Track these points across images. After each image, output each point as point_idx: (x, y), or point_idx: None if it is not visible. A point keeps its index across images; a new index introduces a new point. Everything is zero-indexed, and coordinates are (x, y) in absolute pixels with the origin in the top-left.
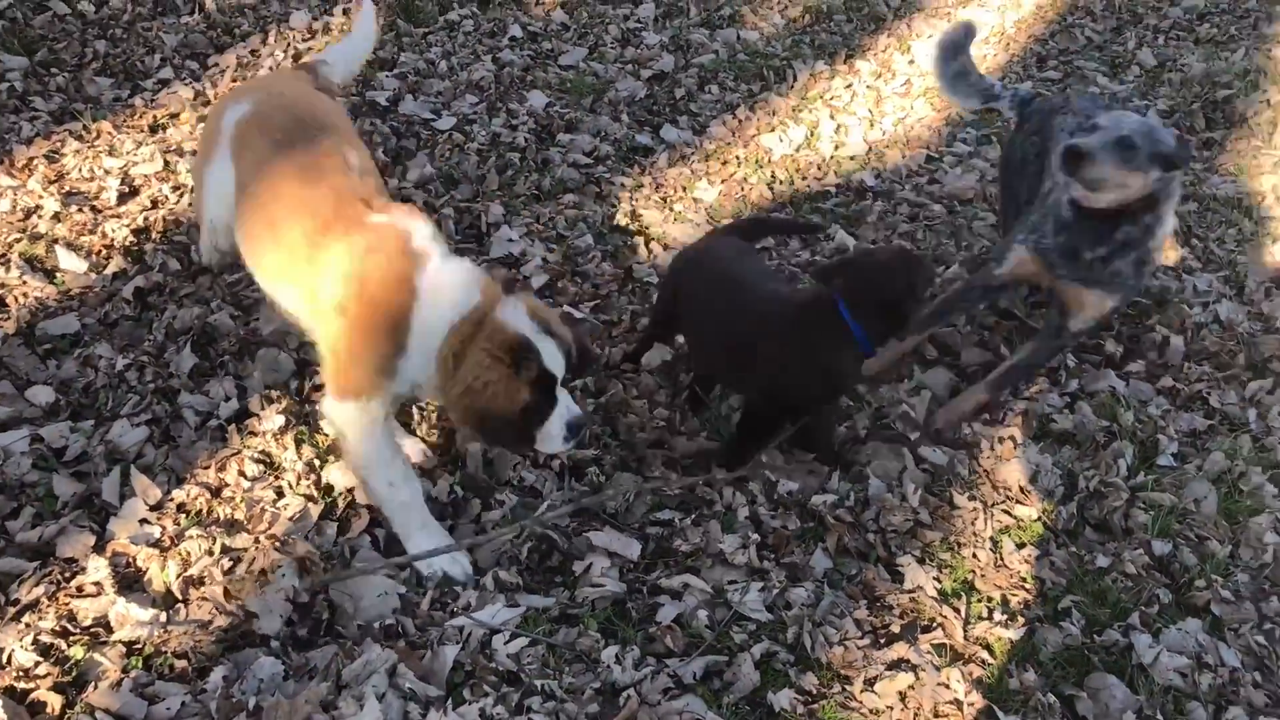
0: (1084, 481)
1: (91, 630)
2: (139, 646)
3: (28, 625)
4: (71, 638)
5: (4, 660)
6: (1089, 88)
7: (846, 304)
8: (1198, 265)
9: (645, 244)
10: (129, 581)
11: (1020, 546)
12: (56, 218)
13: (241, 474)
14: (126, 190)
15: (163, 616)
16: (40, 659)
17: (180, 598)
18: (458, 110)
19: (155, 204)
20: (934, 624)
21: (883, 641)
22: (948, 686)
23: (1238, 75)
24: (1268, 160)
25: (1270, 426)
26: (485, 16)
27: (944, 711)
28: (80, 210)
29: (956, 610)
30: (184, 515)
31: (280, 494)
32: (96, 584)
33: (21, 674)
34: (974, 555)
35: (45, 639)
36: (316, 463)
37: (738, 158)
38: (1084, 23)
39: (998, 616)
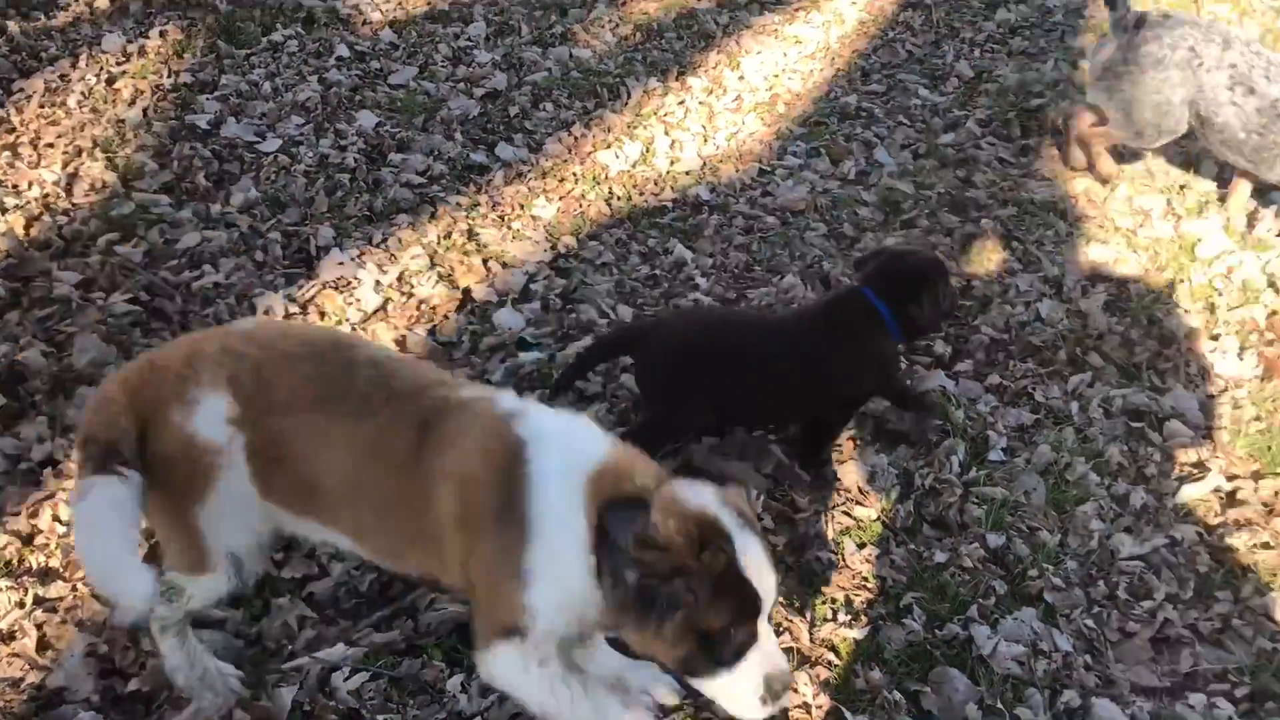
0: (919, 480)
1: None
2: None
3: None
4: None
5: None
6: (910, 100)
7: (874, 291)
8: (1019, 266)
9: (484, 263)
10: None
11: (861, 546)
12: None
13: (56, 519)
14: None
15: None
16: None
17: None
18: (283, 132)
19: None
20: (780, 628)
21: None
22: (796, 690)
23: (1048, 85)
24: (1080, 164)
25: (1091, 418)
26: (310, 37)
27: (793, 715)
28: None
29: (802, 614)
30: None
31: None
32: None
33: None
34: (817, 558)
35: None
36: None
37: (575, 175)
38: (905, 37)
39: (842, 617)
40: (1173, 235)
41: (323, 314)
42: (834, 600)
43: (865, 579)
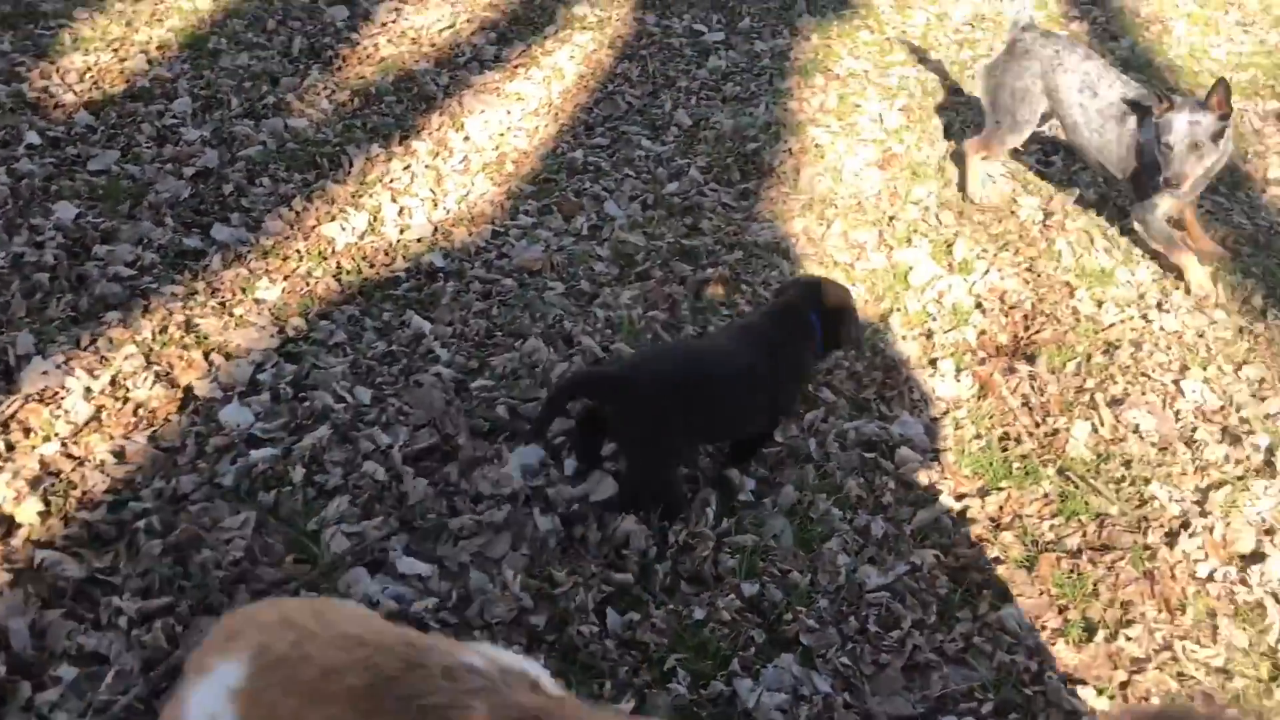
0: (674, 536)
1: None
2: None
3: None
4: None
5: None
6: (635, 152)
7: (808, 308)
8: (750, 309)
9: (205, 356)
10: None
11: (623, 613)
12: None
13: None
14: None
15: None
16: None
17: None
18: None
19: None
20: None
21: None
22: None
23: (762, 129)
24: (796, 204)
25: (829, 453)
26: None
27: None
28: None
29: (568, 691)
30: None
31: None
32: None
33: None
34: (579, 631)
35: None
36: None
37: (299, 252)
38: (624, 89)
39: (608, 691)
40: (886, 265)
41: (28, 431)
42: (599, 672)
43: (628, 646)
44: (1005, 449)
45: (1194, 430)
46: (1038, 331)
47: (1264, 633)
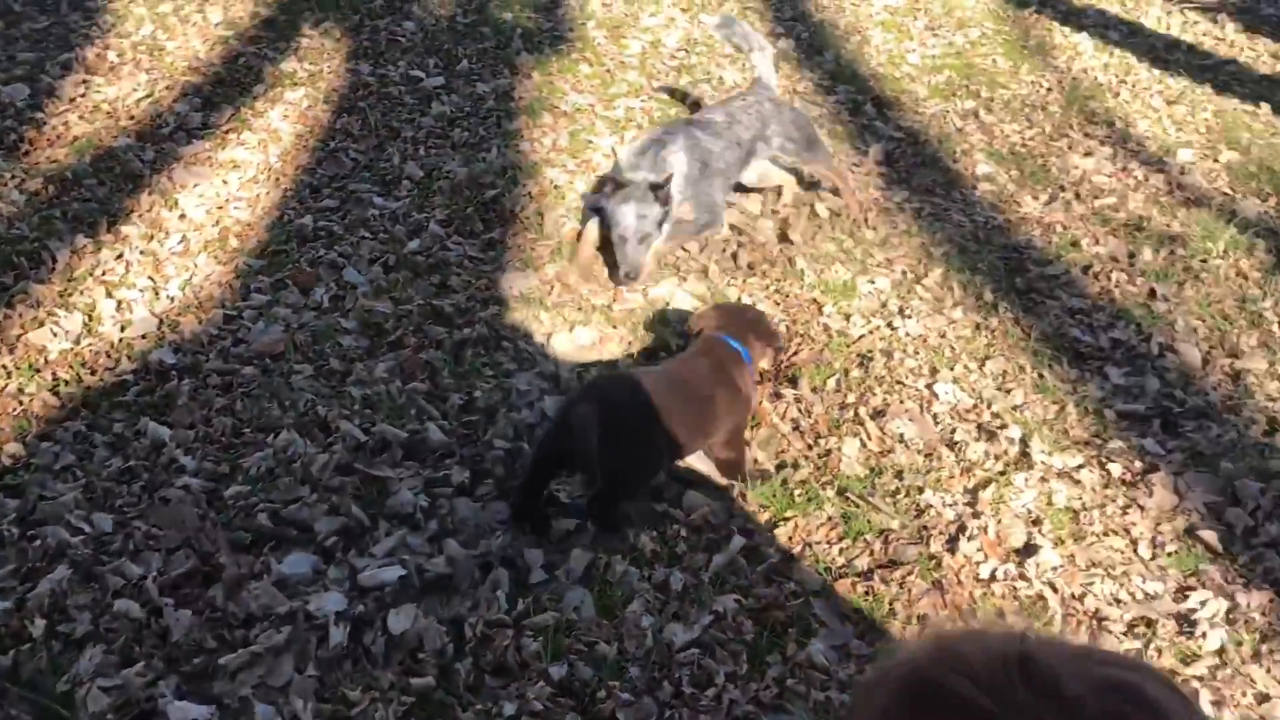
0: (470, 629)
1: None
2: None
3: None
4: None
5: None
6: (368, 211)
7: (729, 336)
8: (515, 367)
9: None
10: None
11: None
12: None
13: None
14: None
15: None
16: None
17: None
18: None
19: None
20: None
21: None
22: None
23: (498, 174)
24: (545, 249)
25: None
26: None
27: None
28: None
29: None
30: None
31: None
32: None
33: None
34: None
35: None
36: None
37: (6, 367)
38: (347, 145)
39: None
40: (644, 303)
41: None
42: None
43: None
44: (785, 477)
45: (953, 432)
46: (795, 353)
47: (1048, 624)
